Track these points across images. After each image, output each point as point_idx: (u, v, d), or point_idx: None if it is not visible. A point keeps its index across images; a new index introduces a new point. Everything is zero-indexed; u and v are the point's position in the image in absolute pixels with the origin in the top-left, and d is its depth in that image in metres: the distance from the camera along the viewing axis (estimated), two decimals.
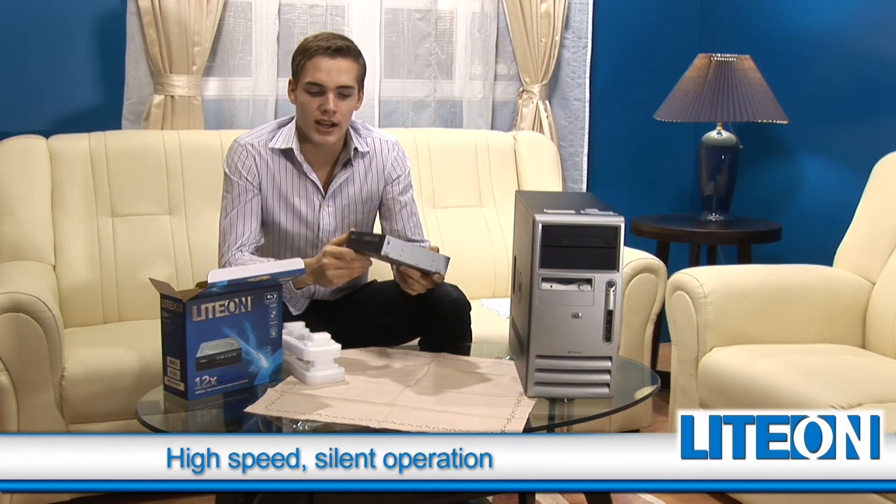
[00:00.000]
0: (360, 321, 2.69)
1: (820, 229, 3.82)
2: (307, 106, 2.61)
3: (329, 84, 2.58)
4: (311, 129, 2.62)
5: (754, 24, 4.20)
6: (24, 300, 2.63)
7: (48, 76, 3.43)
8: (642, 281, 3.34)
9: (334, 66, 2.58)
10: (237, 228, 2.66)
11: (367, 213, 2.79)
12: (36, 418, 2.70)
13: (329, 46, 2.58)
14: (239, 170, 2.67)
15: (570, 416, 2.33)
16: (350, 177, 2.73)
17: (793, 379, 2.68)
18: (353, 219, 2.76)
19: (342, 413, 2.18)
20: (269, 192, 2.69)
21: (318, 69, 2.58)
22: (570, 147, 4.20)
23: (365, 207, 2.78)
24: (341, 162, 2.72)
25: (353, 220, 2.76)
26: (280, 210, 2.70)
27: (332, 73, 2.58)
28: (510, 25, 4.01)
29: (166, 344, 2.31)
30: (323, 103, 2.58)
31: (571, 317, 2.27)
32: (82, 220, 3.16)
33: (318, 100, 2.59)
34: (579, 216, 2.26)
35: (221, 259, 2.68)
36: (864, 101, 3.73)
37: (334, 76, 2.58)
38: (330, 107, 2.58)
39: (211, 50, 3.57)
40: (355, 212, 2.76)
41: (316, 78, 2.58)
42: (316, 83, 2.58)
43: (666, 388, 3.17)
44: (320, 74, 2.58)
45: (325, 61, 2.58)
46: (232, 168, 2.68)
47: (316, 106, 2.59)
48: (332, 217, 2.73)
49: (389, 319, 2.70)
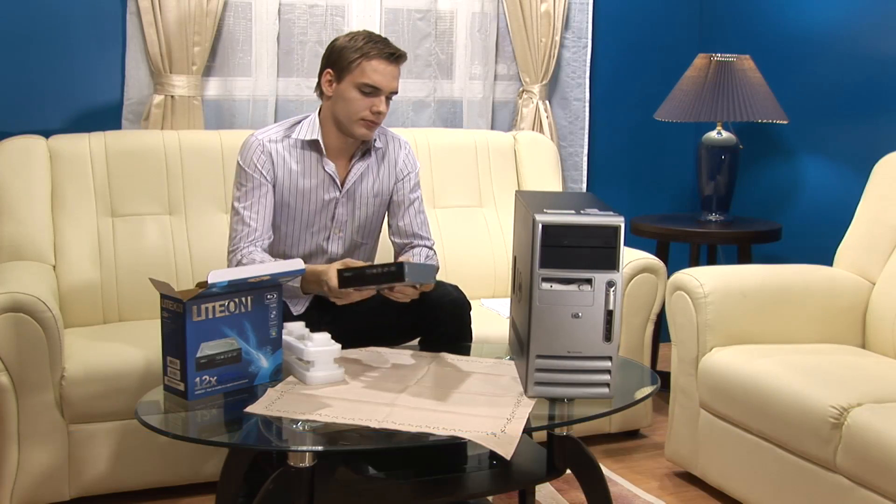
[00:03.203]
0: (360, 321, 2.70)
1: (820, 229, 3.82)
2: (357, 103, 2.66)
3: (385, 88, 2.67)
4: (356, 125, 2.68)
5: (754, 24, 4.20)
6: (24, 300, 2.62)
7: (48, 76, 3.43)
8: (642, 281, 3.34)
9: (391, 72, 2.67)
10: (250, 222, 2.69)
11: (377, 207, 2.84)
12: (36, 418, 2.70)
13: (392, 52, 2.67)
14: (255, 163, 2.70)
15: (570, 416, 2.33)
16: (365, 171, 2.79)
17: (793, 379, 2.68)
18: (365, 212, 2.81)
19: (342, 413, 2.18)
20: (285, 185, 2.72)
21: (377, 72, 2.65)
22: (570, 147, 4.20)
23: (376, 201, 2.83)
24: (358, 153, 2.78)
25: (366, 214, 2.82)
26: (296, 202, 2.74)
27: (389, 78, 2.67)
28: (510, 25, 4.01)
29: (166, 344, 2.31)
30: (376, 105, 2.66)
31: (571, 317, 2.27)
32: (82, 220, 3.16)
33: (369, 100, 2.66)
34: (579, 216, 2.26)
35: (233, 253, 2.69)
36: (864, 101, 3.73)
37: (391, 81, 2.67)
38: (383, 109, 2.67)
39: (211, 50, 3.57)
40: (367, 205, 2.81)
41: (374, 80, 2.65)
42: (372, 85, 2.65)
43: (666, 388, 3.17)
44: (378, 77, 2.65)
45: (385, 66, 2.66)
46: (248, 161, 2.71)
47: (367, 105, 2.66)
48: (345, 209, 2.78)
49: (389, 319, 2.71)
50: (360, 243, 2.86)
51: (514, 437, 2.09)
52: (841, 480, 2.51)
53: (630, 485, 3.07)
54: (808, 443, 2.57)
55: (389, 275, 2.32)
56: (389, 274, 2.32)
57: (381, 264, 2.36)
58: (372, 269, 2.36)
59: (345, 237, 2.81)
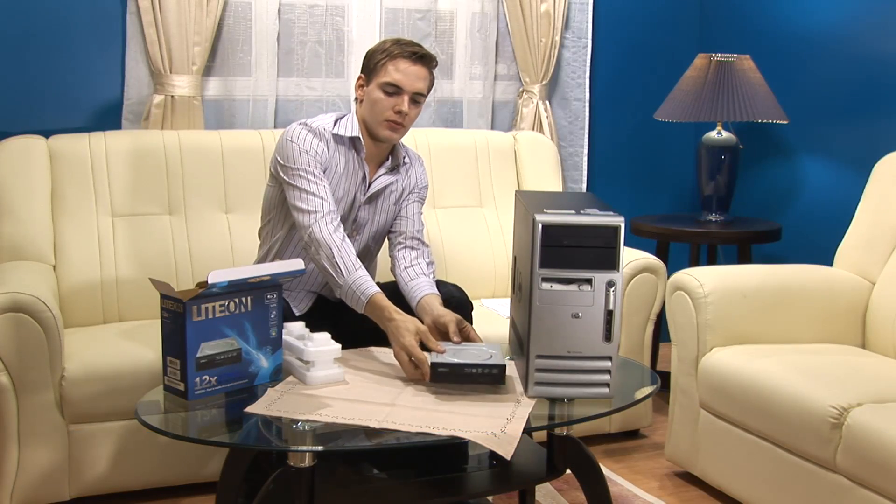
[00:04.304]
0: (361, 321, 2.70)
1: (820, 229, 3.82)
2: (381, 103, 2.66)
3: (408, 87, 2.66)
4: (380, 125, 2.68)
5: (754, 24, 4.20)
6: (24, 300, 2.62)
7: (48, 76, 3.43)
8: (642, 281, 3.34)
9: (414, 72, 2.66)
10: (319, 192, 2.61)
11: (393, 214, 2.86)
12: (36, 418, 2.70)
13: (414, 52, 2.67)
14: (313, 146, 2.66)
15: (570, 416, 2.33)
16: (392, 182, 2.81)
17: (793, 379, 2.68)
18: (384, 218, 2.84)
19: (342, 413, 2.18)
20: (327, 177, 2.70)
21: (399, 71, 2.65)
22: (570, 147, 4.20)
23: (394, 209, 2.85)
24: (386, 166, 2.79)
25: (385, 220, 2.84)
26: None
27: (412, 78, 2.66)
28: (510, 25, 4.01)
29: (166, 344, 2.31)
30: (398, 104, 2.65)
31: (571, 317, 2.27)
32: (82, 220, 3.15)
33: (393, 100, 2.66)
34: (579, 216, 2.26)
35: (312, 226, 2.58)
36: (864, 101, 3.73)
37: (413, 81, 2.66)
38: (404, 108, 2.66)
39: (211, 50, 3.56)
40: (385, 212, 2.84)
41: (395, 79, 2.65)
42: (394, 84, 2.65)
43: (666, 388, 3.18)
44: (400, 76, 2.65)
45: (408, 65, 2.65)
46: (304, 143, 2.66)
47: (390, 105, 2.66)
48: (367, 213, 2.80)
49: None
50: (371, 249, 2.87)
51: (514, 437, 2.09)
52: (841, 480, 2.51)
53: (630, 485, 3.07)
54: (808, 443, 2.57)
55: (489, 377, 2.29)
56: (489, 376, 2.29)
57: (481, 364, 2.30)
58: (471, 368, 2.31)
59: (361, 240, 2.81)
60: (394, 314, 2.46)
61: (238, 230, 3.28)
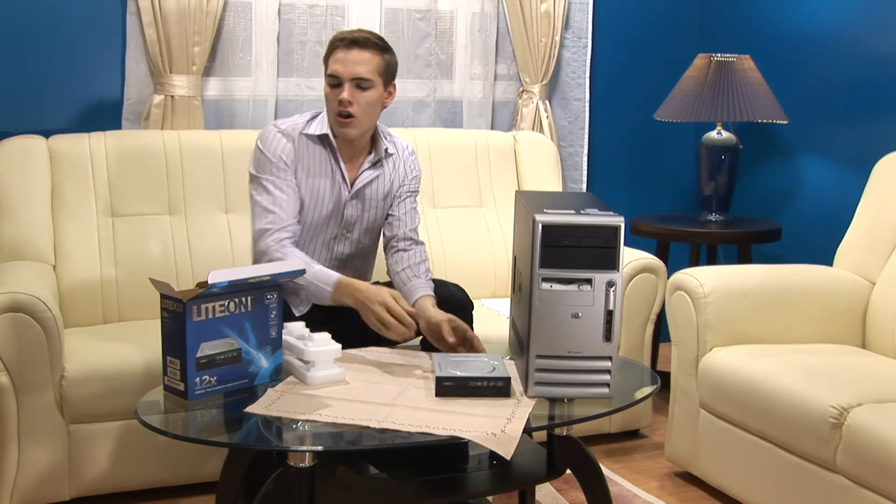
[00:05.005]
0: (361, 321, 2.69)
1: (820, 229, 3.82)
2: (329, 98, 2.66)
3: (344, 74, 2.62)
4: (333, 122, 2.67)
5: (754, 24, 4.20)
6: (24, 300, 2.62)
7: (48, 76, 3.43)
8: (642, 281, 3.34)
9: (350, 58, 2.62)
10: (274, 209, 2.64)
11: (384, 208, 2.84)
12: (36, 418, 2.70)
13: (345, 38, 2.63)
14: (275, 149, 2.67)
15: (570, 416, 2.33)
16: (377, 177, 2.78)
17: (793, 379, 2.68)
18: (374, 214, 2.81)
19: (342, 413, 2.18)
20: (301, 179, 2.71)
21: (336, 61, 2.63)
22: (570, 147, 4.20)
23: (384, 204, 2.83)
24: (370, 161, 2.77)
25: (374, 216, 2.82)
26: (308, 199, 2.73)
27: (349, 65, 2.62)
28: (510, 25, 4.01)
29: (166, 344, 2.30)
30: (339, 94, 2.62)
31: (571, 317, 2.27)
32: (82, 220, 3.15)
33: (336, 91, 2.63)
34: (579, 216, 2.26)
35: (259, 241, 2.63)
36: (864, 101, 3.73)
37: (350, 67, 2.62)
38: (344, 96, 2.61)
39: (211, 50, 3.56)
40: (376, 207, 2.82)
41: (333, 70, 2.63)
42: (333, 74, 2.63)
43: (666, 388, 3.17)
44: (337, 66, 2.63)
45: (344, 53, 2.63)
46: (271, 148, 2.67)
47: (335, 97, 2.64)
48: (355, 210, 2.78)
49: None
50: (367, 246, 2.86)
51: (514, 437, 2.08)
52: (841, 480, 2.51)
53: (630, 485, 3.07)
54: (808, 443, 2.57)
55: (495, 389, 2.29)
56: (495, 389, 2.29)
57: (486, 377, 2.30)
58: (476, 382, 2.30)
59: (352, 238, 2.81)
60: (361, 287, 2.50)
61: (238, 230, 3.28)
